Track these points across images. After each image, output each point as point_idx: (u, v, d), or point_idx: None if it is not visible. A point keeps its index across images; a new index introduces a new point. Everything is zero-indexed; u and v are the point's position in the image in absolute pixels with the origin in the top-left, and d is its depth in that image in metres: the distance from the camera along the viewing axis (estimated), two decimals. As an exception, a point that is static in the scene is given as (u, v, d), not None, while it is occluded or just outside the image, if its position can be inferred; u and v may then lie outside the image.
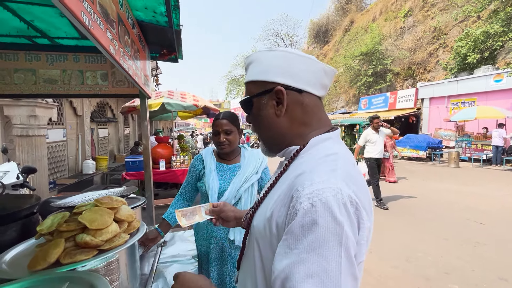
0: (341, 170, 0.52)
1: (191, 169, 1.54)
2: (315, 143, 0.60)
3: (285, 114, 0.61)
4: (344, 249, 0.45)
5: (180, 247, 1.54)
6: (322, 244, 0.45)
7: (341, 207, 0.46)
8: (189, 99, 5.40)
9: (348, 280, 0.45)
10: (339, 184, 0.49)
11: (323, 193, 0.47)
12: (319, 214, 0.46)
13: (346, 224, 0.46)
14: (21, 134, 3.87)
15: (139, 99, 1.69)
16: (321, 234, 0.45)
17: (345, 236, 0.45)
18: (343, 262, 0.45)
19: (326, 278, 0.44)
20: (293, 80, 0.60)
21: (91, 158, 7.41)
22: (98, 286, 0.67)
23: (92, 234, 0.90)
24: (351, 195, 0.48)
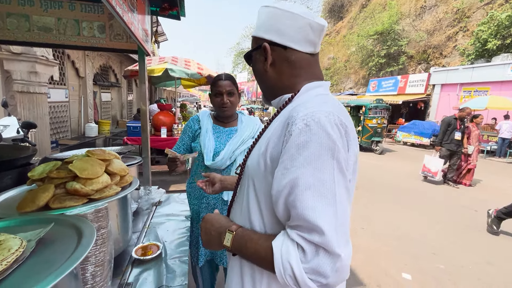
0: (331, 103, 0.58)
1: (186, 129, 1.51)
2: (307, 89, 0.64)
3: (272, 69, 0.65)
4: (337, 162, 0.51)
5: (174, 207, 1.56)
6: (317, 158, 0.50)
7: (333, 126, 0.52)
8: (193, 66, 5.25)
9: (342, 189, 0.51)
10: (331, 109, 0.54)
11: (316, 114, 0.52)
12: (313, 131, 0.51)
13: (338, 140, 0.51)
14: (21, 90, 3.82)
15: None
16: (315, 149, 0.50)
17: (337, 150, 0.51)
18: (336, 173, 0.50)
19: (322, 187, 0.49)
20: (277, 36, 0.62)
21: (94, 121, 7.41)
22: (83, 229, 0.66)
23: (83, 182, 0.89)
24: (342, 119, 0.54)
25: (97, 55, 7.65)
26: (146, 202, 1.58)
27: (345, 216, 0.51)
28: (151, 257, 1.01)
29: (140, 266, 0.99)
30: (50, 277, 0.49)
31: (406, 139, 12.22)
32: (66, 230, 0.68)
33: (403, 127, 12.59)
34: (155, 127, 5.28)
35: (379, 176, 6.13)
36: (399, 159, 8.61)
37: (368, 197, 4.54)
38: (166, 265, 0.99)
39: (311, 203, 0.49)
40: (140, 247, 1.08)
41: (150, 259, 1.01)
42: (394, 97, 15.41)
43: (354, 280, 2.27)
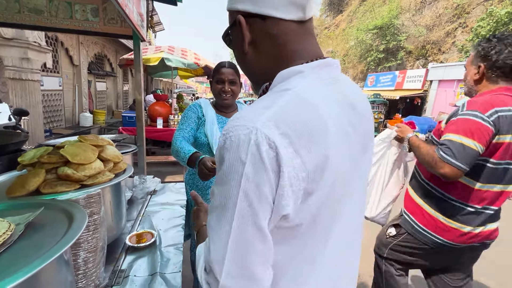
0: (276, 108, 0.43)
1: (190, 115, 1.42)
2: (279, 79, 0.50)
3: (252, 49, 0.52)
4: (243, 192, 0.41)
5: (170, 197, 1.55)
6: (225, 182, 0.43)
7: (249, 147, 0.40)
8: (190, 56, 5.17)
9: (245, 223, 0.42)
10: (259, 123, 0.41)
11: (235, 131, 0.42)
12: (226, 150, 0.43)
13: (248, 166, 0.41)
14: (13, 77, 3.73)
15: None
16: (225, 171, 0.43)
17: (245, 178, 0.41)
18: (240, 204, 0.42)
19: (222, 214, 0.43)
20: (252, 4, 0.48)
21: (88, 111, 7.31)
22: (75, 213, 0.65)
23: (75, 168, 0.87)
24: (271, 138, 0.40)
25: (92, 43, 7.48)
26: (141, 191, 1.56)
27: (245, 251, 0.43)
28: (145, 244, 1.00)
29: (134, 253, 0.98)
30: (38, 260, 0.47)
31: (402, 135, 12.30)
32: (56, 214, 0.66)
33: (400, 122, 12.66)
34: (151, 118, 5.22)
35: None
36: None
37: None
38: (160, 252, 0.98)
39: (211, 223, 0.45)
40: (135, 234, 1.07)
41: (144, 247, 1.01)
42: (392, 92, 15.44)
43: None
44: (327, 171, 0.44)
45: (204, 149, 1.40)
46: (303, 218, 0.45)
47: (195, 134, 1.41)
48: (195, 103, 1.47)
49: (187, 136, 1.37)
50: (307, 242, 0.48)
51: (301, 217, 0.44)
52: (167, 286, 0.82)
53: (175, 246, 1.03)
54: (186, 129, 1.39)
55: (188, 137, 1.38)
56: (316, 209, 0.45)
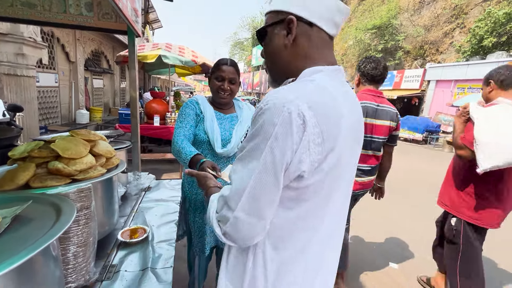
0: (305, 90, 0.55)
1: (188, 112, 1.39)
2: (305, 74, 0.62)
3: (292, 45, 0.63)
4: (269, 147, 0.53)
5: (164, 193, 1.55)
6: (255, 137, 0.55)
7: (284, 114, 0.51)
8: (188, 54, 5.15)
9: (266, 172, 0.53)
10: (291, 97, 0.53)
11: (272, 100, 0.54)
12: (262, 114, 0.54)
13: (279, 128, 0.52)
14: (8, 72, 3.69)
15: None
16: (258, 130, 0.54)
17: (273, 136, 0.52)
18: (265, 157, 0.53)
19: (248, 162, 0.56)
20: (305, 11, 0.61)
21: (85, 108, 7.26)
22: (63, 207, 0.64)
23: (65, 162, 0.87)
24: (301, 110, 0.51)
25: (89, 40, 7.42)
26: (135, 187, 1.56)
27: (261, 193, 0.54)
28: (137, 240, 1.00)
29: (126, 248, 0.98)
30: (23, 252, 0.47)
31: (400, 134, 12.34)
32: (45, 208, 0.65)
33: (397, 122, 12.70)
34: (148, 115, 5.20)
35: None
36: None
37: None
38: (152, 248, 0.98)
39: (236, 167, 0.58)
40: (127, 230, 1.06)
41: (136, 242, 1.00)
42: (389, 92, 15.49)
43: (342, 269, 2.31)
44: (336, 148, 0.56)
45: (204, 146, 1.38)
46: (312, 181, 0.56)
47: (194, 131, 1.39)
48: (192, 100, 1.45)
49: (187, 134, 1.34)
50: (310, 210, 0.59)
51: (311, 181, 0.55)
52: (158, 281, 0.81)
53: (167, 242, 1.03)
54: (186, 126, 1.36)
55: (189, 135, 1.35)
56: (323, 176, 0.56)
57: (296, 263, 0.61)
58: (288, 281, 0.62)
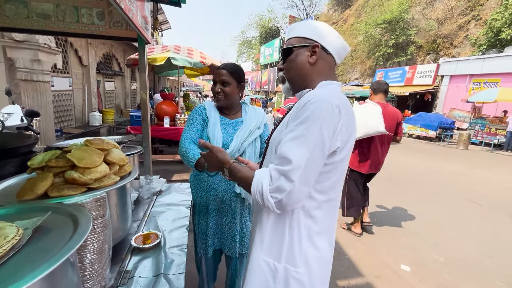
0: (335, 93, 0.79)
1: (195, 118, 1.44)
2: (322, 85, 0.85)
3: (313, 64, 0.87)
4: (320, 128, 0.72)
5: (175, 197, 1.57)
6: (307, 122, 0.73)
7: (328, 104, 0.73)
8: (196, 55, 5.19)
9: (318, 148, 0.72)
10: (328, 94, 0.76)
11: (318, 95, 0.75)
12: (312, 105, 0.73)
13: (326, 114, 0.72)
14: (25, 78, 3.83)
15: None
16: (310, 117, 0.73)
17: (322, 120, 0.72)
18: (317, 135, 0.72)
19: (304, 139, 0.72)
20: (327, 44, 0.86)
21: (98, 110, 7.44)
22: (80, 218, 0.67)
23: (81, 172, 0.90)
24: (339, 104, 0.75)
25: (100, 43, 7.60)
26: (147, 191, 1.59)
27: (313, 165, 0.73)
28: (150, 245, 1.03)
29: (139, 254, 1.01)
30: (45, 265, 0.49)
31: (412, 132, 12.07)
32: (63, 218, 0.68)
33: (409, 119, 12.42)
34: (158, 117, 5.28)
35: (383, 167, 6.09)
36: (403, 151, 8.54)
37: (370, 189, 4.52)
38: (164, 253, 1.00)
39: (291, 146, 0.73)
40: (140, 235, 1.09)
41: (149, 248, 1.03)
42: (401, 89, 15.14)
43: (353, 271, 2.29)
44: (352, 137, 0.80)
45: (205, 150, 1.41)
46: (338, 159, 0.78)
47: (201, 136, 1.42)
48: (200, 106, 1.48)
49: (194, 138, 1.39)
50: (331, 184, 0.80)
51: (338, 157, 0.77)
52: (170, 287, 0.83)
53: (179, 247, 1.05)
54: (192, 130, 1.41)
55: (195, 139, 1.40)
56: (345, 155, 0.79)
57: (321, 225, 0.82)
58: (317, 231, 0.82)
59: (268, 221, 0.84)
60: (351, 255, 2.52)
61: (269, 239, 0.83)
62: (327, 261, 0.86)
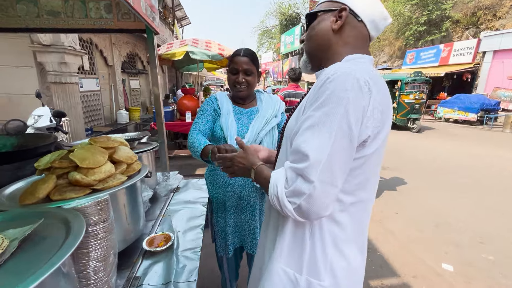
0: (364, 67, 0.62)
1: (206, 108, 1.33)
2: (348, 59, 0.67)
3: (338, 31, 0.70)
4: (345, 111, 0.55)
5: (192, 194, 1.51)
6: (326, 104, 0.57)
7: (353, 80, 0.57)
8: (214, 47, 5.11)
9: (341, 135, 0.56)
10: (354, 68, 0.59)
11: (340, 70, 0.59)
12: (332, 83, 0.57)
13: (351, 93, 0.56)
14: (54, 81, 4.02)
15: (162, 47, 1.51)
16: (329, 98, 0.57)
17: (346, 100, 0.55)
18: (340, 120, 0.55)
19: (323, 127, 0.56)
20: (359, 8, 0.68)
21: (125, 108, 7.73)
22: (72, 225, 0.60)
23: (84, 172, 0.84)
24: (366, 78, 0.58)
25: (124, 43, 7.83)
26: (164, 188, 1.55)
27: (338, 159, 0.56)
28: (162, 248, 0.96)
29: (151, 258, 0.95)
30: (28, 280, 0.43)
31: (449, 115, 11.10)
32: (57, 225, 0.62)
33: (445, 101, 11.42)
34: (180, 112, 5.33)
35: (416, 156, 5.65)
36: (439, 137, 7.87)
37: (403, 180, 4.20)
38: (176, 257, 0.94)
39: (306, 137, 0.58)
40: (152, 237, 1.03)
41: (161, 251, 0.96)
42: (435, 69, 13.94)
43: (387, 270, 2.11)
44: (387, 123, 0.63)
45: (221, 143, 1.31)
46: (370, 151, 0.61)
47: (212, 128, 1.33)
48: (212, 96, 1.39)
49: (203, 129, 1.29)
50: (361, 183, 0.64)
51: (370, 149, 0.61)
52: (180, 298, 0.76)
53: (192, 250, 0.98)
54: (202, 122, 1.31)
55: (204, 130, 1.30)
56: (378, 146, 0.62)
57: (349, 231, 0.67)
58: (344, 239, 0.67)
59: (285, 225, 0.70)
60: (384, 251, 2.32)
61: (288, 246, 0.70)
62: (358, 271, 0.72)
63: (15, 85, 4.20)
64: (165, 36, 11.62)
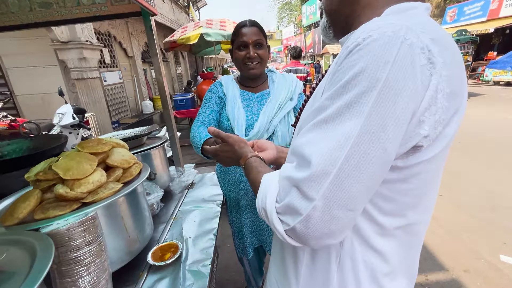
0: (419, 22, 0.38)
1: (211, 96, 1.18)
2: (391, 11, 0.43)
3: None
4: (377, 100, 0.35)
5: (206, 191, 1.40)
6: (349, 89, 0.36)
7: (398, 47, 0.35)
8: (229, 26, 4.83)
9: (371, 141, 0.35)
10: (406, 23, 0.36)
11: (377, 29, 0.36)
12: (361, 52, 0.36)
13: (393, 68, 0.34)
14: (77, 77, 4.11)
15: (177, 32, 1.35)
16: (354, 76, 0.36)
17: (385, 82, 0.34)
18: (369, 116, 0.35)
19: (336, 128, 0.37)
20: None
21: (149, 98, 7.86)
22: (38, 253, 0.50)
23: (70, 185, 0.73)
24: (424, 42, 0.36)
25: (141, 33, 7.80)
26: (178, 185, 1.45)
27: (357, 172, 0.36)
28: (167, 262, 0.85)
29: (157, 272, 0.85)
30: None
31: (500, 77, 9.76)
32: (22, 258, 0.52)
33: (495, 62, 10.00)
34: (200, 98, 5.24)
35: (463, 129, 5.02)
36: (489, 104, 6.95)
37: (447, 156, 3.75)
38: (183, 274, 0.82)
39: (313, 136, 0.39)
40: (158, 248, 0.93)
41: (167, 265, 0.86)
42: (483, 25, 12.14)
43: (433, 263, 1.87)
44: (461, 109, 0.41)
45: None
46: (428, 157, 0.40)
47: (219, 119, 1.16)
48: (217, 82, 1.21)
49: (206, 121, 1.14)
50: (409, 203, 0.44)
51: (427, 155, 0.40)
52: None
53: (201, 264, 0.86)
54: (205, 112, 1.15)
55: (208, 121, 1.14)
56: (442, 148, 0.41)
57: (395, 262, 0.48)
58: (387, 272, 0.48)
59: (301, 248, 0.53)
60: (428, 241, 2.07)
61: (306, 279, 0.53)
62: None
63: (45, 84, 4.38)
64: (181, 21, 11.42)
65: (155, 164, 1.35)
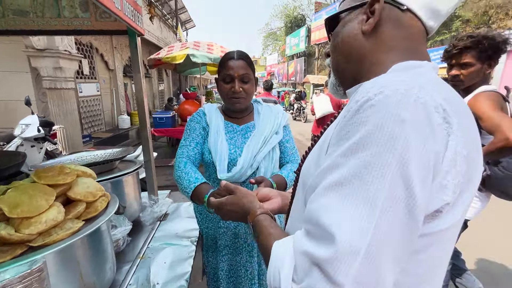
0: (429, 81, 0.37)
1: (194, 126, 1.11)
2: (398, 68, 0.42)
3: (373, 32, 0.46)
4: (398, 161, 0.31)
5: (180, 225, 1.28)
6: (362, 149, 0.33)
7: (413, 105, 0.33)
8: (216, 50, 4.91)
9: (396, 209, 0.31)
10: (418, 83, 0.34)
11: (388, 85, 0.35)
12: (373, 108, 0.34)
13: (412, 129, 0.32)
14: (50, 86, 3.87)
15: (163, 50, 1.29)
16: (369, 134, 0.33)
17: (403, 142, 0.31)
18: (392, 180, 0.31)
19: (356, 193, 0.32)
20: None
21: (126, 113, 7.59)
22: None
23: (17, 224, 0.61)
24: (438, 101, 0.34)
25: (125, 47, 7.70)
26: (149, 216, 1.32)
27: (386, 245, 0.31)
28: (128, 318, 0.72)
29: (114, 331, 0.71)
30: None
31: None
32: None
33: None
34: (181, 117, 5.14)
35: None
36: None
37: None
38: (146, 334, 0.69)
39: (332, 203, 0.34)
40: (119, 298, 0.79)
41: (127, 321, 0.72)
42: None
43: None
44: (477, 174, 0.38)
45: (211, 170, 1.08)
46: (448, 224, 0.37)
47: (201, 151, 1.09)
48: (200, 110, 1.15)
49: (192, 155, 1.06)
50: (425, 275, 0.39)
51: (447, 222, 0.37)
52: None
53: (169, 320, 0.74)
54: (190, 145, 1.07)
55: (194, 156, 1.06)
56: (460, 214, 0.38)
57: None
58: None
59: None
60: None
61: None
62: None
63: (11, 91, 4.07)
64: (168, 39, 11.51)
65: (126, 192, 1.22)
